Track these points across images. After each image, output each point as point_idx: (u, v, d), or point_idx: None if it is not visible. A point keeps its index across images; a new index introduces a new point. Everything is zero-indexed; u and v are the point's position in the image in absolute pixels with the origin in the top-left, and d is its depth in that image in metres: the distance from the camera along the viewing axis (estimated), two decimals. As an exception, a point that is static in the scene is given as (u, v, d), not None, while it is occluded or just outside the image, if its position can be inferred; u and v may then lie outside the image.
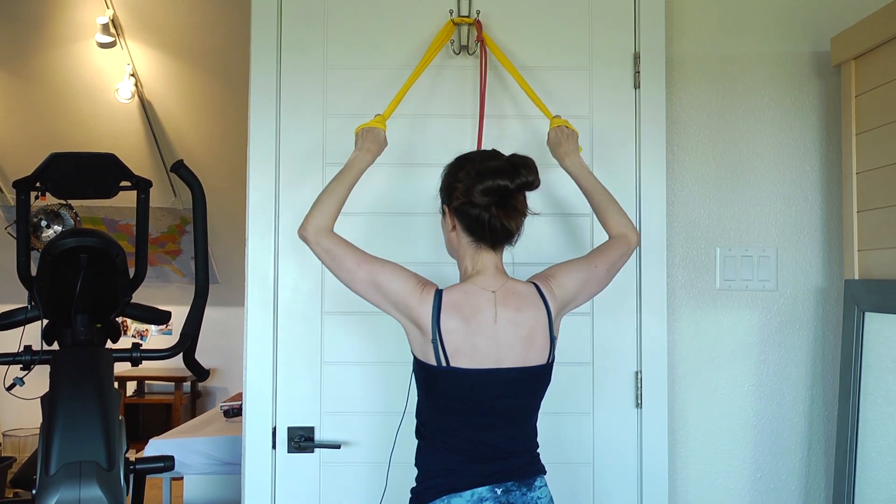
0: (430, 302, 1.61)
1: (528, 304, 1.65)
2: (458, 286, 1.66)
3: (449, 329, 1.60)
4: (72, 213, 2.79)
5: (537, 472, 1.69)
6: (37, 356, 2.39)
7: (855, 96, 2.09)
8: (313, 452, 2.16)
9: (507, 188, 1.59)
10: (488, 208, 1.60)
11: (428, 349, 1.61)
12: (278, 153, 2.19)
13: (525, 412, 1.69)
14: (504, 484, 1.62)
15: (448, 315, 1.60)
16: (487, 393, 1.62)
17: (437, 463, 1.65)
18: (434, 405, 1.66)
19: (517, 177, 1.60)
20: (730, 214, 2.26)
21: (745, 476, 2.25)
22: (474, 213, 1.62)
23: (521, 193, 1.64)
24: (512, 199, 1.62)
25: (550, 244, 2.18)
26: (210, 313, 2.87)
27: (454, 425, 1.64)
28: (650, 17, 2.21)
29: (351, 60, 2.20)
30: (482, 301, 1.63)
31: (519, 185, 1.61)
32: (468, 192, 1.60)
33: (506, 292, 1.65)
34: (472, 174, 1.61)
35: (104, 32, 4.52)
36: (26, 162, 3.26)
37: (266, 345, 2.17)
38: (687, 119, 2.27)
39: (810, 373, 2.26)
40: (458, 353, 1.60)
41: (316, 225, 1.71)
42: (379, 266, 1.67)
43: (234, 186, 4.81)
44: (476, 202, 1.60)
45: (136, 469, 2.39)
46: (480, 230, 1.63)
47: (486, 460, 1.63)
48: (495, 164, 1.62)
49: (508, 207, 1.62)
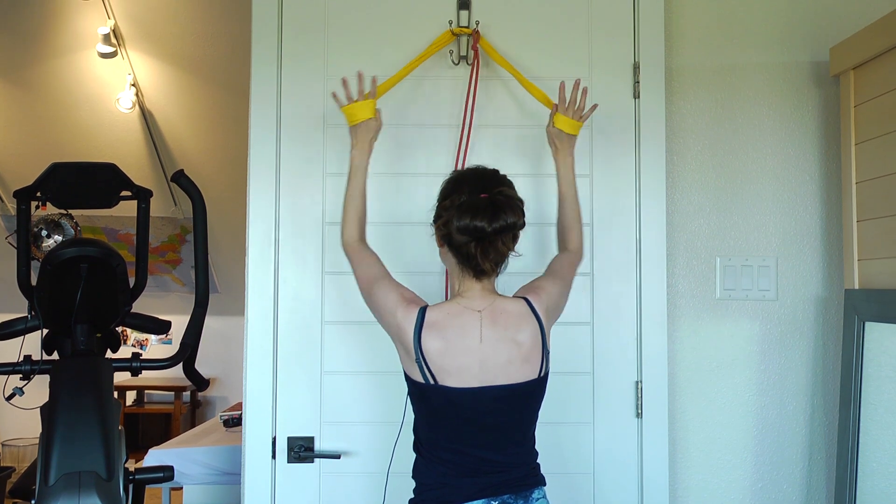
0: (412, 320, 1.61)
1: (519, 321, 1.64)
2: (443, 305, 1.66)
3: (430, 349, 1.59)
4: (72, 222, 2.78)
5: (535, 484, 1.67)
6: (36, 366, 2.38)
7: (854, 106, 2.10)
8: (313, 462, 2.15)
9: (483, 230, 1.57)
10: (467, 245, 1.60)
11: (414, 367, 1.62)
12: (279, 162, 2.19)
13: (520, 426, 1.67)
14: (500, 497, 1.61)
15: (429, 334, 1.60)
16: (477, 410, 1.61)
17: (432, 476, 1.65)
18: (426, 420, 1.66)
19: (496, 220, 1.57)
20: (730, 224, 2.26)
21: (746, 486, 2.24)
22: (454, 243, 1.62)
23: (504, 234, 1.60)
24: (491, 240, 1.59)
25: (544, 253, 2.18)
26: (210, 323, 2.86)
27: (446, 439, 1.64)
28: (649, 27, 2.21)
29: (351, 70, 2.20)
30: (468, 321, 1.62)
31: (496, 228, 1.57)
32: (448, 225, 1.60)
33: (493, 312, 1.64)
34: (455, 207, 1.59)
35: (105, 42, 4.53)
36: (27, 171, 3.27)
37: (266, 354, 2.16)
38: (686, 129, 2.27)
39: (811, 382, 2.26)
40: (443, 371, 1.59)
41: (343, 240, 1.80)
42: (377, 281, 1.69)
43: (235, 196, 4.81)
44: (454, 238, 1.60)
45: (135, 479, 2.38)
46: (462, 259, 1.63)
47: (480, 473, 1.62)
48: (477, 202, 1.58)
49: (486, 248, 1.60)
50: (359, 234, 1.79)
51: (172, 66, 4.78)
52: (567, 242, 1.91)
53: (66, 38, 4.64)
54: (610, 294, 2.17)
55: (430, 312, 1.62)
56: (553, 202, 2.17)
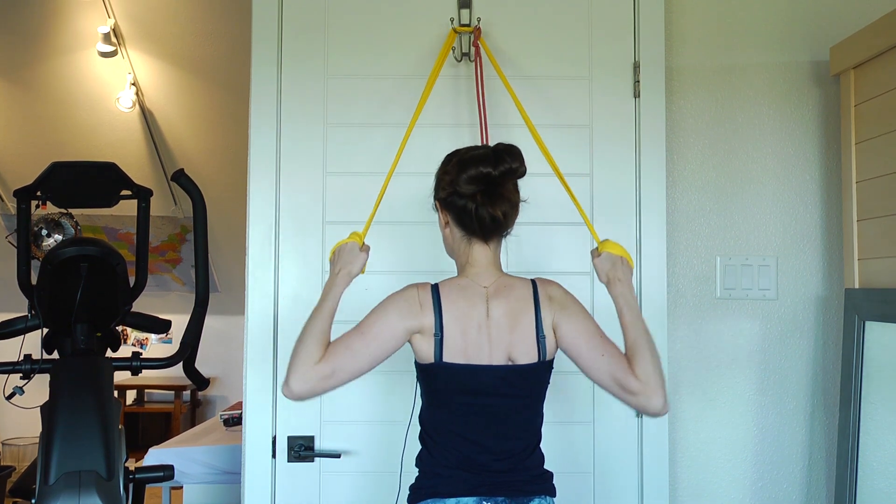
0: (428, 297, 1.61)
1: (516, 297, 1.63)
2: (453, 279, 1.66)
3: (449, 321, 1.59)
4: (72, 222, 2.79)
5: (536, 492, 1.62)
6: (37, 365, 2.38)
7: (854, 105, 2.10)
8: (313, 462, 2.16)
9: (489, 175, 1.58)
10: (474, 197, 1.59)
11: (430, 346, 1.60)
12: (279, 162, 2.19)
13: (519, 416, 1.64)
14: (494, 498, 1.58)
15: (447, 305, 1.60)
16: (477, 391, 1.60)
17: (429, 464, 1.64)
18: (428, 402, 1.66)
19: (500, 164, 1.58)
20: (730, 223, 2.27)
21: (746, 485, 2.24)
22: (461, 203, 1.61)
23: (509, 181, 1.61)
24: (497, 187, 1.60)
25: (554, 252, 2.18)
26: (210, 322, 2.86)
27: (446, 421, 1.62)
28: (650, 27, 2.21)
29: (351, 69, 2.21)
30: (475, 296, 1.62)
31: (503, 171, 1.58)
32: (454, 183, 1.60)
33: (498, 287, 1.64)
34: (457, 164, 1.61)
35: (105, 42, 4.53)
36: (27, 171, 3.27)
37: (266, 354, 2.17)
38: (687, 128, 2.27)
39: (811, 382, 2.26)
40: (454, 346, 1.59)
41: (303, 370, 1.54)
42: (374, 316, 1.61)
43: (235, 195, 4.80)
44: (462, 192, 1.60)
45: (135, 478, 2.38)
46: (469, 221, 1.62)
47: (475, 469, 1.60)
48: (478, 153, 1.61)
49: (494, 195, 1.60)
50: (321, 357, 1.57)
51: (172, 65, 4.78)
52: (633, 367, 1.61)
53: (66, 38, 4.65)
54: (609, 296, 2.16)
55: (442, 286, 1.63)
56: (553, 202, 2.17)
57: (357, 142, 2.19)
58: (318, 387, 1.55)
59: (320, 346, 1.57)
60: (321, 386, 1.55)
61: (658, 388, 1.58)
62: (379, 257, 2.17)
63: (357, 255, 1.72)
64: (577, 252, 2.18)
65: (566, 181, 1.88)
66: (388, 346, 1.60)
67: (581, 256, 2.17)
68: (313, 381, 1.54)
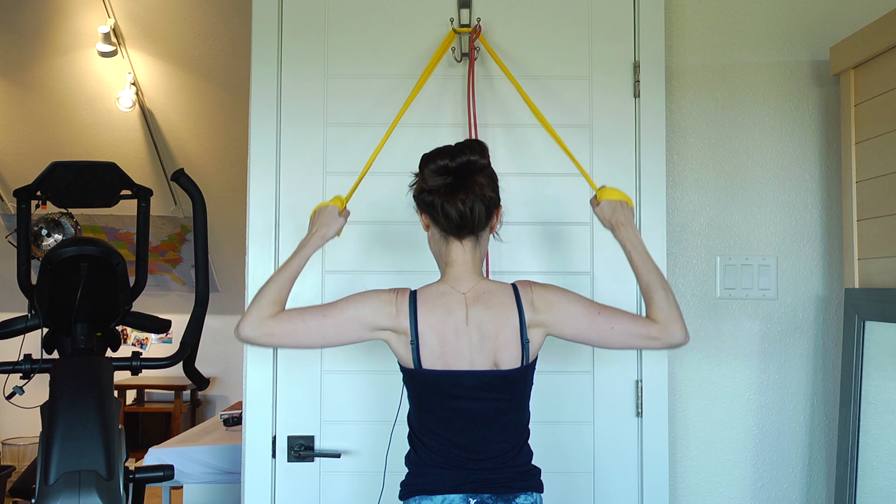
0: (406, 303, 1.61)
1: (497, 303, 1.62)
2: (431, 286, 1.65)
3: (425, 329, 1.59)
4: (72, 221, 2.79)
5: (522, 489, 1.62)
6: (37, 365, 2.39)
7: (854, 105, 2.10)
8: (313, 461, 2.16)
9: (447, 167, 1.58)
10: (439, 192, 1.60)
11: (408, 352, 1.61)
12: (279, 162, 2.19)
13: (504, 417, 1.64)
14: (479, 495, 1.59)
15: (424, 314, 1.60)
16: (460, 396, 1.60)
17: (416, 463, 1.65)
18: (414, 404, 1.67)
19: (458, 155, 1.59)
20: (730, 223, 2.27)
21: (746, 485, 2.24)
22: (429, 199, 1.62)
23: (473, 175, 1.59)
24: (461, 181, 1.59)
25: (544, 253, 2.18)
26: (210, 322, 2.87)
27: (432, 423, 1.63)
28: (650, 27, 2.21)
29: (351, 69, 2.21)
30: (453, 302, 1.61)
31: (461, 163, 1.58)
32: (422, 179, 1.62)
33: (477, 292, 1.63)
34: (422, 160, 1.63)
35: (105, 41, 4.53)
36: (27, 170, 3.28)
37: (266, 353, 2.17)
38: (687, 128, 2.28)
39: (811, 381, 2.26)
40: (433, 353, 1.59)
41: (254, 320, 1.60)
42: (344, 303, 1.64)
43: (235, 195, 4.81)
44: (428, 187, 1.60)
45: (135, 478, 2.38)
46: (437, 216, 1.62)
47: (461, 466, 1.61)
48: (440, 148, 1.62)
49: (458, 188, 1.59)
50: (277, 311, 1.62)
51: (172, 65, 4.78)
52: (648, 314, 1.67)
53: (66, 37, 4.64)
54: (610, 293, 2.17)
55: (420, 293, 1.63)
56: (552, 202, 2.17)
57: (357, 141, 2.19)
58: (262, 340, 1.62)
59: (274, 303, 1.62)
60: (265, 341, 1.62)
61: (677, 321, 1.64)
62: (372, 257, 2.18)
63: (335, 218, 1.76)
64: (581, 252, 2.18)
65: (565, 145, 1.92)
66: (346, 336, 1.64)
67: (585, 259, 2.17)
68: (258, 333, 1.61)
